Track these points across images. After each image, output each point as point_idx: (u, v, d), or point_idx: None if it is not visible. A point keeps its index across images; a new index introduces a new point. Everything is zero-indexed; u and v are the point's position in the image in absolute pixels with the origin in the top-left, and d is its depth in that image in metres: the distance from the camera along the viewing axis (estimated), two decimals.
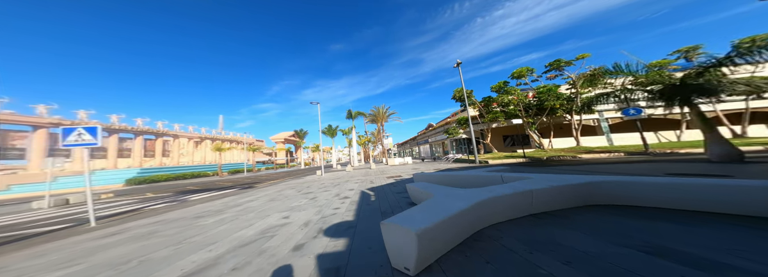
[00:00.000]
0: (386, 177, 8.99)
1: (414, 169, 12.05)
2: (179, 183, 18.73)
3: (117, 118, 27.89)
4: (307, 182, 9.70)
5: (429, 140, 26.34)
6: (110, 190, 16.65)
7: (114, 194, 12.94)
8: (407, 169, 12.66)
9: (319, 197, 5.55)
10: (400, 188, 5.76)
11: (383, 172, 11.93)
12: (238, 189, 9.64)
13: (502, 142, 19.98)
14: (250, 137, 49.68)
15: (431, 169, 10.80)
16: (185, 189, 12.31)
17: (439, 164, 13.44)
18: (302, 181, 10.68)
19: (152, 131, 32.39)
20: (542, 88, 14.65)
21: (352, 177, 10.44)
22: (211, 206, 5.36)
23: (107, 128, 26.86)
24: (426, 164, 15.44)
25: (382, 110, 31.03)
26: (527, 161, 10.18)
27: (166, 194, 10.05)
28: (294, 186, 8.47)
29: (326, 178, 11.35)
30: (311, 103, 14.26)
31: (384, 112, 31.16)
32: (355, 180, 8.94)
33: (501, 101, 15.23)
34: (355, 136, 26.85)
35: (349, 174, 12.65)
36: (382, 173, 11.10)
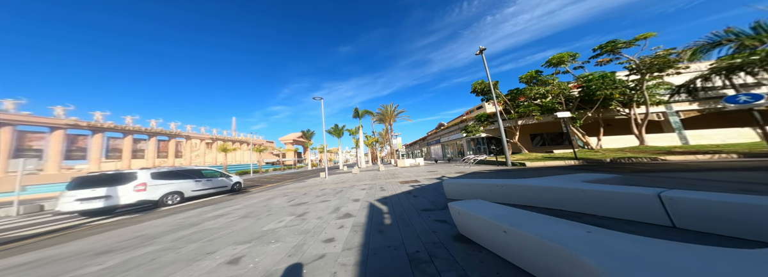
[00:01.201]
0: (399, 182, 7.29)
1: (430, 172, 10.25)
2: None
3: (131, 119, 28.23)
4: (306, 187, 8.20)
5: (441, 139, 24.29)
6: None
7: None
8: (421, 171, 10.87)
9: (311, 212, 3.94)
10: (423, 201, 4.03)
11: (394, 175, 10.22)
12: (229, 194, 8.30)
13: (530, 141, 17.58)
14: (260, 138, 49.75)
15: (453, 172, 8.96)
16: None
17: (459, 167, 11.51)
18: (302, 185, 9.20)
19: (165, 132, 32.70)
20: (591, 76, 11.78)
21: (358, 181, 8.83)
22: (158, 226, 3.89)
23: (122, 129, 27.17)
24: (442, 166, 13.54)
25: (390, 109, 29.38)
26: (582, 163, 7.88)
27: None
28: (289, 192, 6.97)
29: (330, 181, 9.82)
30: (314, 99, 12.90)
31: (392, 111, 29.48)
32: (361, 185, 7.31)
33: (533, 94, 12.84)
34: (362, 136, 25.35)
35: (355, 177, 11.06)
36: (393, 177, 9.40)
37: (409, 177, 8.64)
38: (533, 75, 12.69)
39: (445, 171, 9.77)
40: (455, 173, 8.68)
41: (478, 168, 9.74)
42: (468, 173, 8.26)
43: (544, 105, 12.54)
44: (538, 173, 6.68)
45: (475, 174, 7.58)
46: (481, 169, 9.36)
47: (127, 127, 27.64)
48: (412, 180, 7.56)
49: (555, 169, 7.20)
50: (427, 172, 10.28)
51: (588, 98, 11.89)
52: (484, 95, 13.24)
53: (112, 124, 26.04)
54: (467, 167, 10.54)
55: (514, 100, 13.55)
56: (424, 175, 9.01)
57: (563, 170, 6.79)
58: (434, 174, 8.85)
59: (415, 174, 9.63)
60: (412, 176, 8.79)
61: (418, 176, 8.90)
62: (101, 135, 25.26)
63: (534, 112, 12.72)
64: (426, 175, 8.89)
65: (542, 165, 8.30)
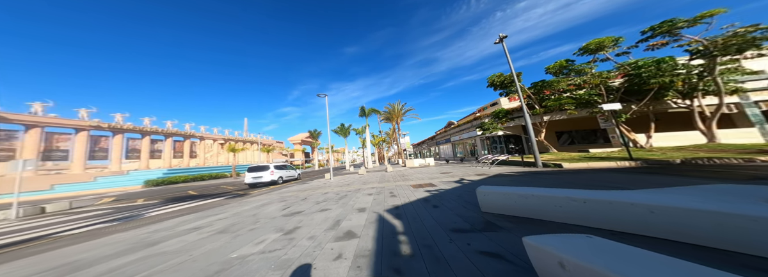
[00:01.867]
0: (411, 186, 6.28)
1: (444, 173, 9.14)
2: (191, 185, 17.95)
3: (149, 120, 29.18)
4: (308, 190, 7.39)
5: (451, 138, 22.91)
6: (124, 192, 16.20)
7: (116, 198, 12.03)
8: (434, 173, 9.78)
9: (303, 227, 3.05)
10: (449, 215, 3.02)
11: (404, 177, 9.21)
12: (226, 198, 7.67)
13: (556, 139, 15.82)
14: (269, 139, 50.44)
15: (472, 174, 7.81)
16: (184, 194, 10.84)
17: (476, 168, 10.28)
18: (305, 187, 8.42)
19: (180, 133, 33.62)
20: (642, 62, 9.54)
21: (364, 183, 7.92)
22: (107, 245, 3.14)
23: (140, 130, 28.11)
24: (455, 167, 12.33)
25: (397, 107, 28.31)
26: (641, 165, 6.31)
27: (151, 202, 8.46)
28: (288, 197, 6.17)
29: (334, 183, 8.98)
30: (319, 96, 12.17)
31: (399, 110, 28.38)
32: (368, 188, 6.38)
33: (564, 85, 11.08)
34: (369, 135, 24.49)
35: (361, 178, 10.16)
36: (402, 179, 8.40)
37: (422, 179, 7.60)
38: (563, 65, 10.88)
39: (461, 173, 8.62)
40: (475, 175, 7.53)
41: (500, 170, 8.51)
42: (491, 175, 7.10)
43: (580, 97, 10.62)
44: (582, 176, 5.42)
45: (505, 178, 6.42)
46: (505, 170, 8.13)
47: (145, 129, 28.57)
48: (425, 183, 6.52)
49: (605, 172, 5.84)
50: (440, 173, 9.18)
51: (636, 89, 9.85)
52: (504, 89, 11.79)
53: (131, 126, 26.98)
54: (485, 169, 9.31)
55: (539, 94, 11.90)
56: (438, 177, 7.93)
57: (618, 174, 5.47)
58: (450, 176, 7.75)
59: (428, 176, 8.56)
60: (425, 179, 7.74)
61: (432, 178, 7.84)
62: (121, 136, 26.21)
63: (567, 105, 10.82)
64: (440, 177, 7.80)
65: (584, 167, 6.87)
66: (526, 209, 2.48)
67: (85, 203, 9.80)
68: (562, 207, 2.18)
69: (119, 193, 15.84)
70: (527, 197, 2.48)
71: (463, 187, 5.29)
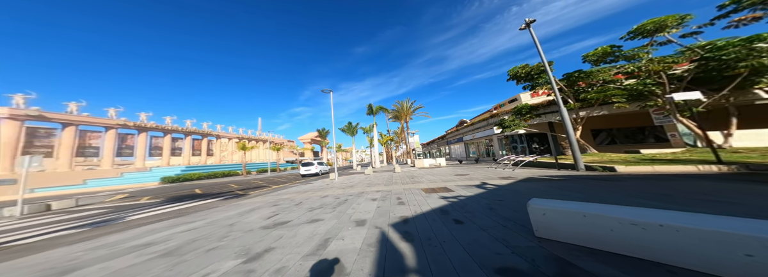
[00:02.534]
0: (422, 189, 5.28)
1: (459, 175, 7.98)
2: (202, 183, 18.20)
3: (170, 119, 30.60)
4: (308, 191, 6.65)
5: (464, 138, 21.36)
6: (140, 189, 16.71)
7: (129, 195, 12.20)
8: (447, 174, 8.64)
9: (278, 248, 2.20)
10: (482, 238, 2.02)
11: (413, 178, 8.18)
12: (223, 199, 7.16)
13: (592, 138, 13.79)
14: (280, 137, 51.49)
15: (494, 177, 6.61)
16: (189, 193, 10.66)
17: (497, 170, 8.97)
18: (304, 189, 7.71)
19: (199, 132, 35.03)
20: (723, 42, 7.25)
21: (369, 185, 7.02)
22: (21, 268, 2.48)
23: (162, 129, 29.54)
24: (470, 168, 11.04)
25: (406, 105, 27.17)
26: (737, 170, 4.66)
27: (151, 202, 8.20)
28: (282, 200, 5.44)
29: (337, 184, 8.19)
30: (323, 91, 11.47)
31: (408, 108, 27.20)
32: (372, 192, 5.47)
33: (606, 76, 8.93)
34: (376, 134, 23.61)
35: (367, 179, 9.27)
36: (412, 181, 7.38)
37: (434, 182, 6.53)
38: (607, 51, 8.46)
39: (480, 175, 7.42)
40: (498, 178, 6.33)
41: (528, 172, 7.18)
42: (520, 179, 5.86)
43: (632, 88, 8.56)
44: (657, 185, 4.04)
45: (540, 183, 5.21)
46: (535, 173, 6.82)
47: (167, 127, 29.97)
48: (439, 187, 5.47)
49: (686, 179, 4.24)
50: (455, 175, 8.02)
51: (710, 76, 7.81)
52: (529, 81, 10.21)
53: (154, 124, 28.39)
54: (508, 171, 8.00)
55: (572, 86, 9.95)
56: (453, 180, 6.82)
57: (710, 182, 4.04)
58: (467, 179, 6.60)
59: (442, 178, 7.46)
60: (439, 181, 6.66)
61: (446, 180, 6.74)
62: (145, 134, 27.63)
63: (615, 97, 8.86)
64: (456, 180, 6.68)
65: (649, 171, 5.24)
66: (622, 240, 1.42)
67: (97, 200, 9.86)
68: (699, 245, 1.10)
69: (136, 189, 16.36)
70: (622, 223, 1.41)
71: (489, 194, 4.19)
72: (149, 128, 27.91)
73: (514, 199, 3.61)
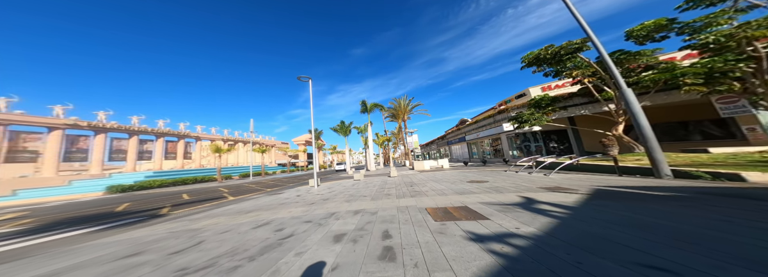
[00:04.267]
0: (427, 211, 3.21)
1: (475, 183, 5.96)
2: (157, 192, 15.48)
3: (137, 119, 27.41)
4: (250, 212, 4.47)
5: (466, 137, 19.55)
6: (70, 202, 13.78)
7: (26, 213, 9.52)
8: (457, 182, 6.60)
9: None
10: None
11: (412, 187, 6.08)
12: (118, 225, 4.81)
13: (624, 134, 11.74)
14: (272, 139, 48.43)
15: (534, 188, 4.62)
16: (99, 212, 8.17)
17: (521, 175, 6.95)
18: (255, 205, 5.51)
19: (174, 133, 31.83)
20: None
21: (351, 198, 4.86)
22: None
23: (126, 130, 26.33)
24: (482, 172, 9.02)
25: (403, 103, 25.20)
26: None
27: (12, 231, 5.72)
28: (205, 229, 3.29)
29: (308, 197, 6.00)
30: (300, 79, 9.29)
31: (406, 106, 25.23)
32: (346, 215, 3.33)
33: (652, 60, 7.19)
34: (371, 134, 21.45)
35: (353, 187, 7.09)
36: (411, 192, 5.28)
37: (444, 194, 4.44)
38: (661, 24, 6.33)
39: (507, 184, 5.40)
40: (540, 189, 4.33)
41: (572, 179, 5.21)
42: (584, 192, 3.86)
43: (713, 66, 6.09)
44: None
45: (642, 205, 3.21)
46: (584, 181, 4.84)
47: (132, 128, 26.74)
48: (455, 207, 3.38)
49: None
50: (468, 183, 5.98)
51: None
52: (555, 66, 8.27)
53: (115, 124, 25.18)
54: (539, 177, 6.02)
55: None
56: (469, 190, 4.75)
57: None
58: (492, 191, 4.58)
59: (452, 188, 5.38)
60: (449, 194, 4.57)
61: (460, 191, 4.66)
62: (104, 136, 24.39)
63: (688, 77, 6.42)
64: (475, 191, 4.63)
65: None
66: None
67: None
68: None
69: (60, 203, 13.42)
70: None
71: (567, 232, 2.12)
72: (109, 129, 24.70)
73: (643, 246, 1.55)
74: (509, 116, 11.52)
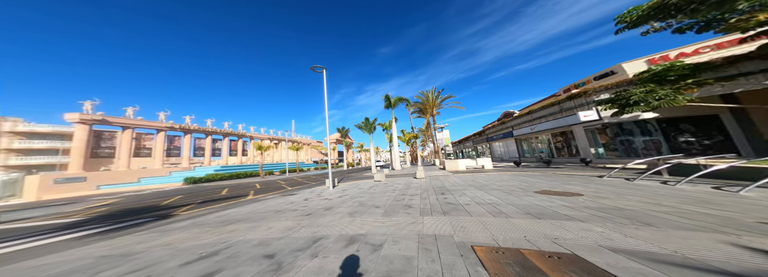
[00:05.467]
0: (470, 248, 1.57)
1: (547, 192, 3.85)
2: (215, 185, 17.96)
3: (210, 122, 33.50)
4: (249, 220, 3.73)
5: (513, 132, 15.77)
6: (156, 191, 17.11)
7: (123, 199, 11.76)
8: (516, 190, 4.59)
9: None
10: None
11: (443, 195, 4.39)
12: (124, 229, 4.80)
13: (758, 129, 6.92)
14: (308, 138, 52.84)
15: (750, 222, 2.28)
16: (158, 204, 9.23)
17: (647, 189, 4.27)
18: (269, 206, 4.90)
19: (235, 133, 37.78)
20: None
21: (360, 208, 3.60)
22: None
23: (204, 130, 32.46)
24: (547, 175, 6.38)
25: (432, 96, 22.69)
26: None
27: (85, 219, 6.57)
28: (192, 239, 2.50)
29: (316, 202, 5.11)
30: (314, 70, 8.60)
31: (435, 99, 22.65)
32: (336, 242, 1.97)
33: None
34: (396, 130, 19.93)
35: (370, 191, 5.86)
36: (441, 204, 3.63)
37: (498, 212, 2.66)
38: None
39: (620, 199, 3.17)
40: (755, 223, 2.00)
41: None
42: None
43: None
44: None
45: None
46: None
47: (207, 129, 32.75)
48: (543, 254, 1.60)
49: None
50: (541, 195, 3.89)
51: None
52: (703, 13, 4.75)
53: (196, 126, 31.30)
54: (680, 188, 3.38)
55: None
56: (561, 214, 2.79)
57: None
58: (632, 225, 2.49)
59: (514, 204, 3.46)
60: (517, 219, 2.72)
61: (539, 215, 2.75)
62: (190, 136, 30.60)
63: None
64: (580, 219, 2.65)
65: None
66: None
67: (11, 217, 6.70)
68: None
69: (152, 191, 16.76)
70: None
71: None
72: (193, 130, 30.84)
73: None
74: (594, 101, 8.09)
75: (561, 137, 12.09)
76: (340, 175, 16.98)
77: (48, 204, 11.40)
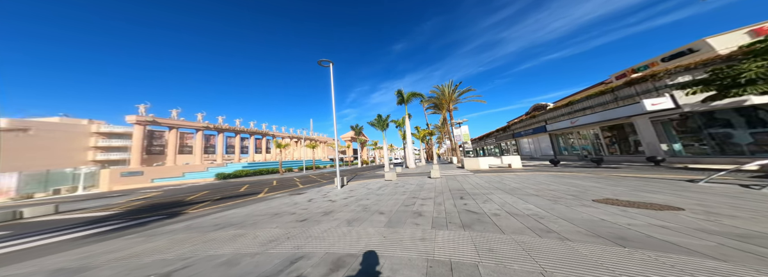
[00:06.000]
0: None
1: (617, 204, 2.87)
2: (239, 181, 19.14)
3: (238, 121, 36.32)
4: (243, 225, 3.46)
5: (546, 127, 13.64)
6: (191, 185, 18.76)
7: (162, 192, 12.96)
8: (564, 197, 3.64)
9: None
10: None
11: (463, 200, 3.62)
12: (120, 230, 4.90)
13: None
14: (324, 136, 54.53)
15: None
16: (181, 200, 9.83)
17: None
18: (272, 206, 4.69)
19: (260, 132, 40.49)
20: None
21: (359, 216, 3.05)
22: None
23: (233, 130, 35.36)
24: (603, 178, 5.11)
25: (448, 90, 21.02)
26: None
27: (115, 213, 7.08)
28: (138, 256, 2.26)
29: (319, 204, 4.72)
30: (321, 64, 8.21)
31: (451, 93, 20.93)
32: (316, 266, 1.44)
33: None
34: (409, 127, 19.00)
35: (376, 192, 5.32)
36: (460, 212, 2.90)
37: (545, 229, 1.91)
38: None
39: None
40: None
41: None
42: None
43: None
44: None
45: None
46: None
47: (237, 128, 35.63)
48: None
49: None
50: (611, 207, 2.94)
51: None
52: None
53: (227, 126, 34.20)
54: None
55: None
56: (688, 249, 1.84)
57: None
58: None
59: (570, 218, 2.59)
60: (594, 244, 1.86)
61: (621, 239, 1.85)
62: (222, 135, 33.57)
63: None
64: None
65: None
66: None
67: (47, 210, 6.65)
68: None
69: (188, 185, 18.43)
70: None
71: None
72: (224, 129, 33.75)
73: None
74: (668, 85, 6.28)
75: (612, 131, 9.97)
76: (353, 173, 16.81)
77: (110, 195, 13.27)
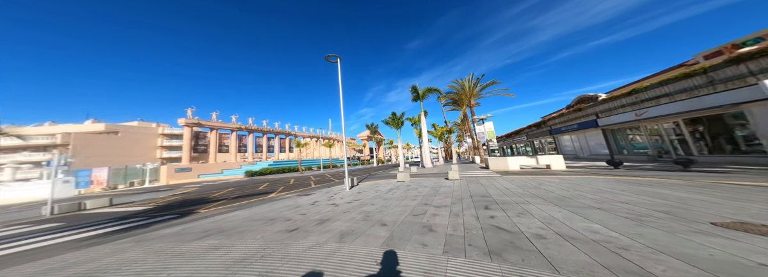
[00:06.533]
0: None
1: (753, 230, 1.66)
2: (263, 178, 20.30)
3: (265, 122, 39.26)
4: (231, 232, 3.23)
5: (598, 121, 11.11)
6: (225, 182, 20.50)
7: (199, 187, 14.15)
8: (694, 219, 2.45)
9: None
10: None
11: (488, 211, 2.87)
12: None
13: None
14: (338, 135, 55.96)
15: None
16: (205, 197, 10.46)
17: None
18: (273, 210, 4.52)
19: (283, 132, 43.21)
20: None
21: (357, 227, 2.49)
22: None
23: (261, 130, 38.38)
24: (746, 190, 3.68)
25: (468, 84, 19.25)
26: None
27: (150, 208, 7.67)
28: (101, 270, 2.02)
29: (319, 209, 4.35)
30: (328, 60, 7.87)
31: (472, 87, 19.12)
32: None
33: None
34: (425, 125, 17.87)
35: (384, 196, 4.76)
36: (487, 235, 2.18)
37: None
38: None
39: None
40: None
41: None
42: None
43: None
44: None
45: None
46: None
47: (264, 128, 38.56)
48: None
49: None
50: None
51: None
52: None
53: (256, 127, 37.22)
54: None
55: None
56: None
57: None
58: None
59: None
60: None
61: None
62: (252, 135, 36.67)
63: None
64: None
65: None
66: None
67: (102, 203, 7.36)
68: None
69: (222, 182, 20.16)
70: None
71: None
72: (254, 130, 36.81)
73: None
74: None
75: (700, 124, 7.58)
76: (367, 172, 16.48)
77: (161, 189, 15.22)
